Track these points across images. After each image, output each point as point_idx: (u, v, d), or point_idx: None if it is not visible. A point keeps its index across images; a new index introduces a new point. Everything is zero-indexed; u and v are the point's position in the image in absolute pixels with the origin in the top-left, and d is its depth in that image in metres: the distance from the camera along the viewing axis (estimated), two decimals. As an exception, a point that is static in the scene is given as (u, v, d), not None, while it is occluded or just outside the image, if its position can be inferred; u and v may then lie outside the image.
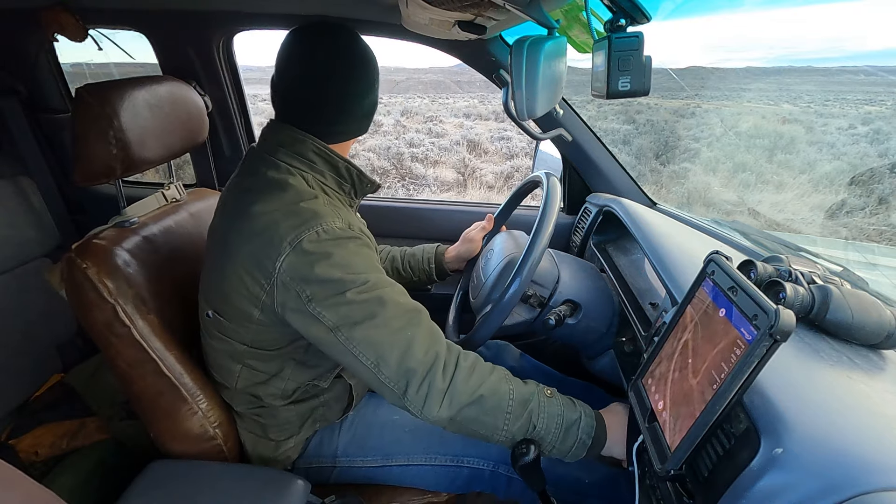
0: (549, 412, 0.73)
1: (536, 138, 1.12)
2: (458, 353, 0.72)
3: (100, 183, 0.86)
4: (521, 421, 0.71)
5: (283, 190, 0.74)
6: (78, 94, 0.82)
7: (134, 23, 1.30)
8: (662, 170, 8.38)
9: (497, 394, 0.71)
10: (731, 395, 0.48)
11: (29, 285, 1.35)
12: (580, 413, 0.75)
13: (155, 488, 0.80)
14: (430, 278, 1.17)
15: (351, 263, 0.70)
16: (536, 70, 0.59)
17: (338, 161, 0.80)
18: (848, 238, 5.42)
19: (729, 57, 68.93)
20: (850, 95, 13.45)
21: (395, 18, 1.10)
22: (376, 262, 0.75)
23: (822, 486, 0.41)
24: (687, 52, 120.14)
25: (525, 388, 0.74)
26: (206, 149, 1.47)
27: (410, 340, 0.69)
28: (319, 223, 0.71)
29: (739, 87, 14.84)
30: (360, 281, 0.69)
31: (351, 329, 0.69)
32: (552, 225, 0.83)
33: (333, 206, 0.76)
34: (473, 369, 0.72)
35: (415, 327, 0.71)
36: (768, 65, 46.44)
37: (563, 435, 0.73)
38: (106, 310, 0.79)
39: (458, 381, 0.69)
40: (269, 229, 0.71)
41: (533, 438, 0.72)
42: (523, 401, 0.72)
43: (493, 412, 0.71)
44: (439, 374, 0.69)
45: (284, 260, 0.69)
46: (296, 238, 0.69)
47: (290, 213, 0.72)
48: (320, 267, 0.69)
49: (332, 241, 0.71)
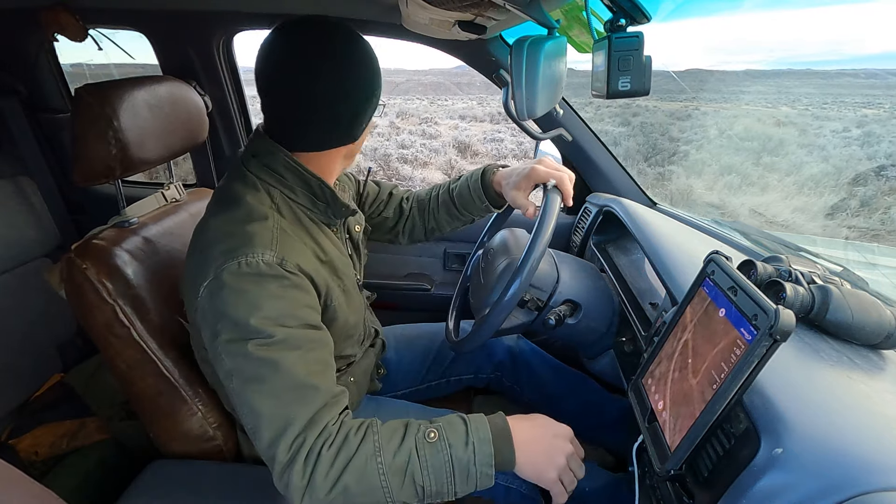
0: (434, 464, 0.63)
1: (536, 138, 1.12)
2: (325, 439, 0.62)
3: (99, 183, 0.86)
4: (405, 489, 0.63)
5: (237, 206, 0.70)
6: (77, 94, 0.82)
7: (134, 23, 1.30)
8: (649, 171, 8.39)
9: (364, 477, 0.62)
10: (731, 395, 0.48)
11: (29, 285, 1.35)
12: (472, 446, 0.64)
13: (155, 488, 0.80)
14: (489, 211, 1.03)
15: (262, 307, 0.63)
16: (536, 70, 0.59)
17: (310, 178, 0.73)
18: (831, 237, 5.44)
19: (729, 59, 69.02)
20: (848, 98, 13.46)
21: (395, 18, 1.10)
22: (301, 308, 0.67)
23: (821, 486, 0.41)
24: (688, 55, 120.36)
25: (400, 451, 0.63)
26: (206, 149, 1.47)
27: (288, 423, 0.61)
28: (246, 254, 0.65)
29: (739, 89, 14.85)
30: (265, 333, 0.62)
31: (241, 384, 0.64)
32: (551, 228, 0.81)
33: (282, 234, 0.69)
34: (336, 456, 0.61)
35: (300, 406, 0.62)
36: (768, 67, 46.51)
37: (458, 479, 0.64)
38: (105, 310, 0.79)
39: (316, 477, 0.60)
40: (207, 248, 0.68)
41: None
42: (398, 471, 0.63)
43: (366, 494, 0.62)
44: (298, 467, 0.60)
45: (206, 287, 0.66)
46: (220, 266, 0.65)
47: (228, 234, 0.67)
48: (232, 304, 0.64)
49: (252, 276, 0.64)
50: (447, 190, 1.05)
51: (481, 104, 16.54)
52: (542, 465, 0.68)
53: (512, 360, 1.14)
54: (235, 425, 0.90)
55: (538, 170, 0.90)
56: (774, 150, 8.84)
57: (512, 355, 1.14)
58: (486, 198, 0.99)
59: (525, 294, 0.90)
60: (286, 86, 0.68)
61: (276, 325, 0.63)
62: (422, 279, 1.51)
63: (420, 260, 1.53)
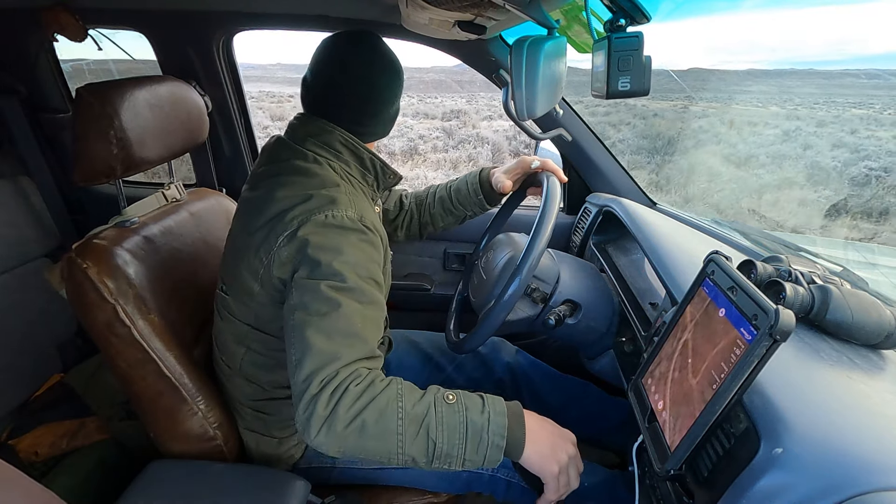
0: (449, 423, 0.65)
1: (536, 138, 1.12)
2: (355, 378, 0.65)
3: (100, 183, 0.86)
4: (418, 441, 0.64)
5: (309, 177, 0.78)
6: (78, 93, 0.82)
7: (134, 23, 1.30)
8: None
9: (383, 418, 0.63)
10: (731, 395, 0.48)
11: (29, 285, 1.35)
12: (488, 413, 0.67)
13: (155, 488, 0.80)
14: (482, 207, 1.12)
15: (344, 252, 0.71)
16: (536, 70, 0.59)
17: (363, 152, 0.83)
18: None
19: (731, 59, 68.59)
20: (839, 98, 13.38)
21: (395, 18, 1.10)
22: (372, 263, 0.75)
23: (821, 486, 0.41)
24: (689, 54, 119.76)
25: (420, 403, 0.66)
26: (206, 149, 1.47)
27: (331, 359, 0.65)
28: (331, 209, 0.73)
29: (741, 88, 14.78)
30: (340, 276, 0.69)
31: (303, 316, 0.68)
32: (553, 217, 0.83)
33: (354, 196, 0.78)
34: (361, 393, 0.64)
35: (346, 349, 0.66)
36: (770, 67, 46.34)
37: (470, 444, 0.65)
38: (106, 310, 0.79)
39: (339, 409, 0.62)
40: (285, 211, 0.74)
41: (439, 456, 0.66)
42: (415, 419, 0.64)
43: (380, 437, 0.63)
44: (325, 398, 0.63)
45: (287, 236, 0.72)
46: (305, 219, 0.72)
47: (307, 197, 0.74)
48: (314, 247, 0.70)
49: (336, 227, 0.72)
50: (445, 187, 1.15)
51: (469, 102, 16.39)
52: (547, 457, 0.69)
53: (512, 376, 1.14)
54: (236, 424, 0.90)
55: (525, 157, 1.06)
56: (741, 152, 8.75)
57: (511, 371, 1.15)
58: (480, 191, 1.09)
59: (530, 283, 0.90)
60: (358, 89, 0.82)
61: (351, 272, 0.70)
62: (422, 279, 1.51)
63: (420, 260, 1.53)
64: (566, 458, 0.70)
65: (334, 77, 0.82)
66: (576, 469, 0.72)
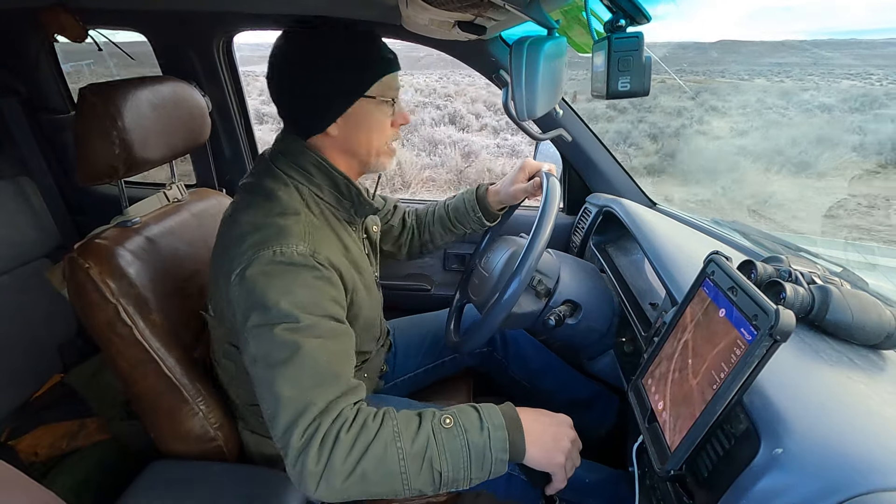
0: (451, 449, 0.64)
1: (536, 138, 1.12)
2: (342, 423, 0.62)
3: (102, 183, 0.86)
4: (423, 475, 0.63)
5: (269, 201, 0.74)
6: (81, 93, 0.82)
7: (134, 23, 1.30)
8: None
9: (383, 463, 0.62)
10: (731, 395, 0.48)
11: (29, 285, 1.35)
12: (487, 430, 0.66)
13: (155, 488, 0.80)
14: (481, 224, 1.09)
15: (293, 293, 0.66)
16: (536, 70, 0.59)
17: (337, 177, 0.79)
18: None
19: (766, 29, 67.38)
20: (838, 70, 13.08)
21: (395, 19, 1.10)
22: (328, 300, 0.70)
23: (821, 487, 0.41)
24: (721, 25, 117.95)
25: (418, 436, 0.64)
26: (207, 149, 1.48)
27: (305, 407, 0.62)
28: (281, 244, 0.69)
29: (771, 61, 14.36)
30: (292, 317, 0.65)
31: (264, 368, 0.65)
32: (553, 217, 0.83)
33: (313, 228, 0.74)
34: (354, 441, 0.62)
35: (318, 392, 0.63)
36: (808, 37, 45.37)
37: (475, 465, 0.65)
38: (108, 310, 0.79)
39: (334, 462, 0.60)
40: (240, 240, 0.71)
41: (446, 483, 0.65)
42: (417, 456, 0.63)
43: (384, 482, 0.62)
44: (313, 453, 0.60)
45: (238, 273, 0.69)
46: (254, 255, 0.68)
47: (261, 226, 0.71)
48: (263, 288, 0.66)
49: (285, 264, 0.68)
50: (443, 205, 1.13)
51: (441, 80, 16.31)
52: (551, 450, 0.70)
53: (502, 337, 1.21)
54: (236, 425, 0.90)
55: (529, 161, 1.02)
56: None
57: (502, 332, 1.21)
58: (479, 209, 1.06)
59: (533, 277, 0.90)
60: (287, 82, 0.77)
61: (303, 312, 0.66)
62: (422, 279, 1.51)
63: (420, 260, 1.53)
64: (568, 445, 0.71)
65: (271, 79, 0.79)
66: (577, 449, 0.73)
